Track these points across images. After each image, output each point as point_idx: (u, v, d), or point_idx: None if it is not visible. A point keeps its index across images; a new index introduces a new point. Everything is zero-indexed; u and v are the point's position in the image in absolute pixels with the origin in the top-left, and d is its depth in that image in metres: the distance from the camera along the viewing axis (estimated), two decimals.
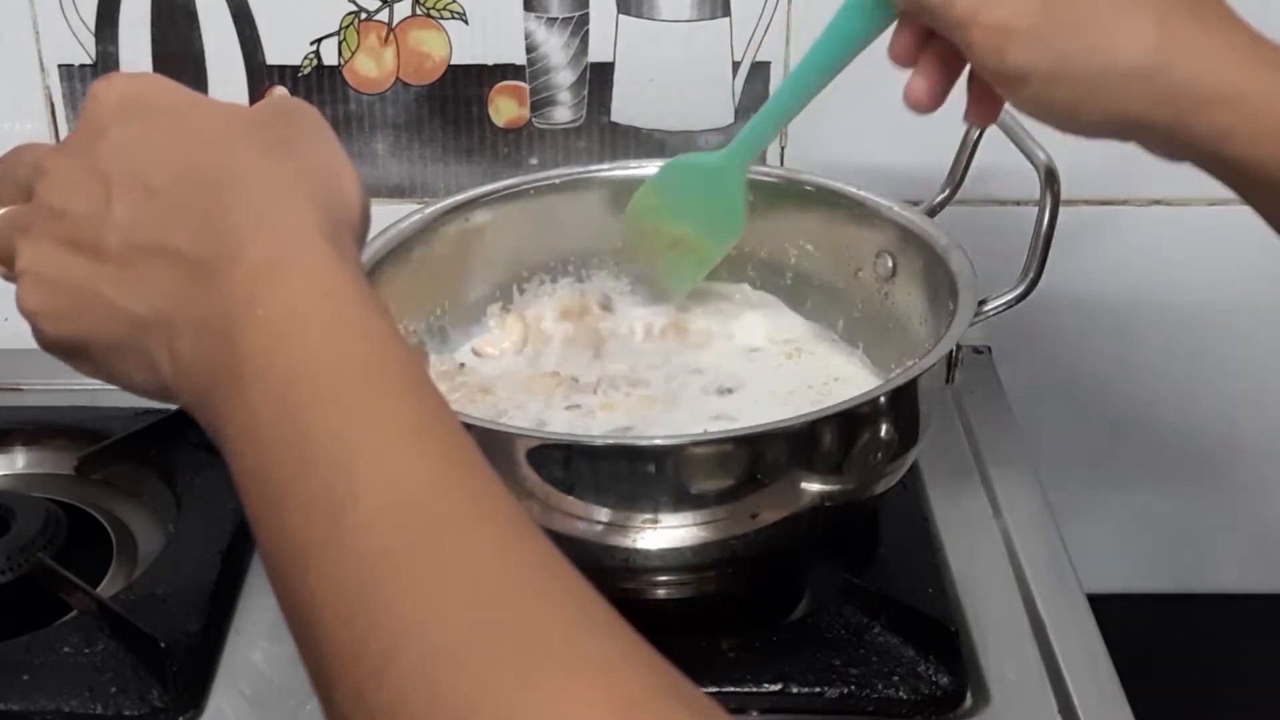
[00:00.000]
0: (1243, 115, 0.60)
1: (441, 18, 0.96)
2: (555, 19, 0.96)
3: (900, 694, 0.71)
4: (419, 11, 0.96)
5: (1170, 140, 0.63)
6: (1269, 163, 0.61)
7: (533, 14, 0.96)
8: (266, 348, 0.45)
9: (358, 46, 0.97)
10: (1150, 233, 1.02)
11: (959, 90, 0.70)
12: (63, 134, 1.00)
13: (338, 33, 0.97)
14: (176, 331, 0.47)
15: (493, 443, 0.70)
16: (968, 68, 0.68)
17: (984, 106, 0.70)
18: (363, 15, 0.96)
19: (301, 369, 0.44)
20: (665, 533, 0.70)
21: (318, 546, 0.42)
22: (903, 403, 0.72)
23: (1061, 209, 0.76)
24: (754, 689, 0.72)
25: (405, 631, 0.40)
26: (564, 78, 0.98)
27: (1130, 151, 0.65)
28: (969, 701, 0.72)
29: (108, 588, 0.82)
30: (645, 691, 0.39)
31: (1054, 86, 0.62)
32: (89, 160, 0.49)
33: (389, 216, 0.85)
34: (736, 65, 0.98)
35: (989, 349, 1.04)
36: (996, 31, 0.62)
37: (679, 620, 0.77)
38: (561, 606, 0.41)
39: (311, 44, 0.97)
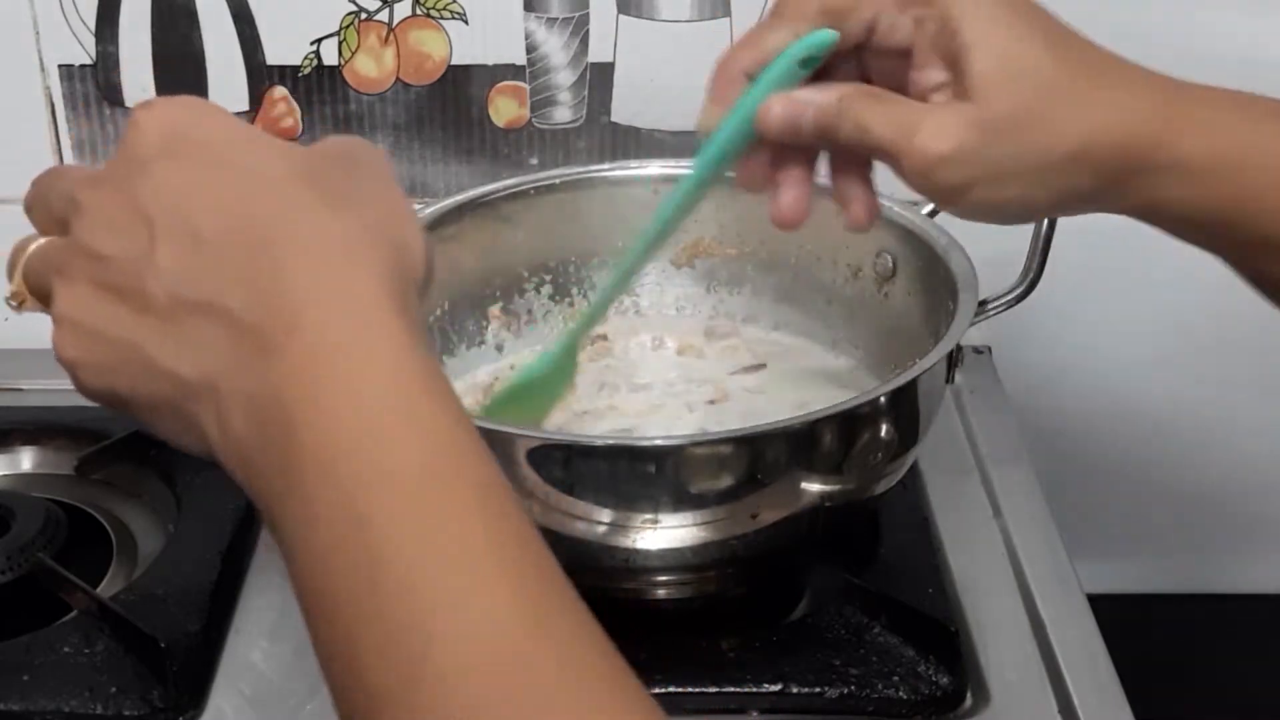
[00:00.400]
0: (1170, 161, 0.61)
1: (441, 18, 0.96)
2: (555, 19, 0.96)
3: (900, 694, 0.71)
4: (419, 11, 0.96)
5: (1118, 203, 0.63)
6: (1203, 201, 0.61)
7: (533, 14, 0.96)
8: (329, 450, 0.41)
9: (358, 46, 0.97)
10: (1150, 233, 1.01)
11: None
12: (63, 134, 1.00)
13: (338, 33, 0.97)
14: (225, 401, 0.43)
15: (493, 443, 0.69)
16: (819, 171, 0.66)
17: (860, 207, 0.67)
18: (363, 15, 0.96)
19: (368, 477, 0.41)
20: (665, 533, 0.70)
21: (393, 694, 0.39)
22: (903, 403, 0.72)
23: None
24: (754, 689, 0.72)
25: None
26: (564, 78, 0.98)
27: None
28: (969, 701, 0.72)
29: (108, 588, 0.82)
30: None
31: (1000, 188, 0.61)
32: (130, 199, 0.45)
33: None
34: None
35: (989, 349, 1.04)
36: (925, 157, 0.60)
37: (679, 620, 0.77)
38: None
39: (311, 44, 0.97)
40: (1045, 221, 0.76)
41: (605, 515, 0.69)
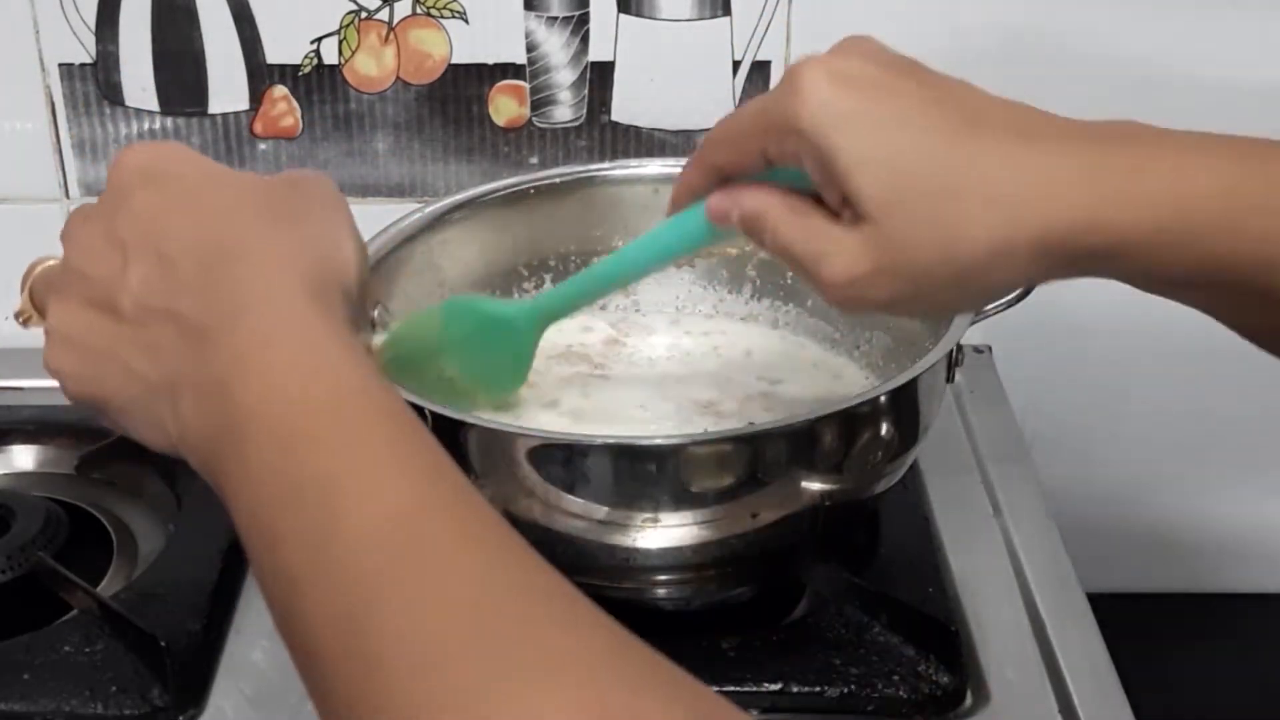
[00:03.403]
0: (1108, 243, 0.55)
1: (442, 17, 0.96)
2: (555, 18, 0.96)
3: (900, 694, 0.71)
4: (419, 10, 0.96)
5: (1083, 274, 0.58)
6: (1162, 264, 0.56)
7: (533, 13, 0.96)
8: (259, 401, 0.48)
9: (358, 46, 0.97)
10: None
11: None
12: (63, 134, 1.00)
13: (338, 32, 0.97)
14: (179, 394, 0.50)
15: (493, 443, 0.70)
16: None
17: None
18: (363, 14, 0.96)
19: (290, 417, 0.47)
20: (665, 532, 0.70)
21: (309, 576, 0.44)
22: (903, 403, 0.72)
23: None
24: (754, 689, 0.72)
25: (390, 646, 0.41)
26: (564, 77, 0.98)
27: None
28: (969, 701, 0.72)
29: (108, 587, 0.82)
30: (629, 690, 0.40)
31: (928, 295, 0.57)
32: (109, 226, 0.53)
33: (389, 216, 0.85)
34: (737, 65, 0.98)
35: (989, 349, 1.04)
36: (837, 286, 0.58)
37: (679, 620, 0.77)
38: (545, 611, 0.42)
39: (312, 43, 0.97)
40: None
41: (605, 514, 0.69)
